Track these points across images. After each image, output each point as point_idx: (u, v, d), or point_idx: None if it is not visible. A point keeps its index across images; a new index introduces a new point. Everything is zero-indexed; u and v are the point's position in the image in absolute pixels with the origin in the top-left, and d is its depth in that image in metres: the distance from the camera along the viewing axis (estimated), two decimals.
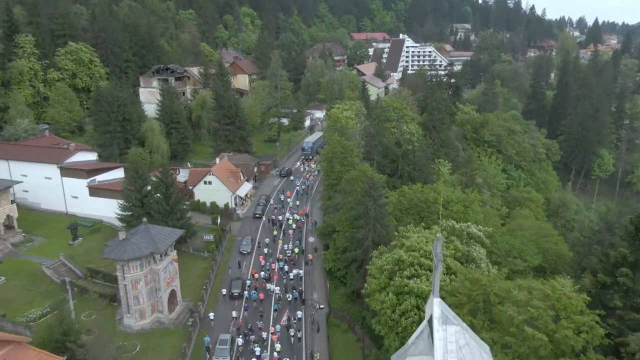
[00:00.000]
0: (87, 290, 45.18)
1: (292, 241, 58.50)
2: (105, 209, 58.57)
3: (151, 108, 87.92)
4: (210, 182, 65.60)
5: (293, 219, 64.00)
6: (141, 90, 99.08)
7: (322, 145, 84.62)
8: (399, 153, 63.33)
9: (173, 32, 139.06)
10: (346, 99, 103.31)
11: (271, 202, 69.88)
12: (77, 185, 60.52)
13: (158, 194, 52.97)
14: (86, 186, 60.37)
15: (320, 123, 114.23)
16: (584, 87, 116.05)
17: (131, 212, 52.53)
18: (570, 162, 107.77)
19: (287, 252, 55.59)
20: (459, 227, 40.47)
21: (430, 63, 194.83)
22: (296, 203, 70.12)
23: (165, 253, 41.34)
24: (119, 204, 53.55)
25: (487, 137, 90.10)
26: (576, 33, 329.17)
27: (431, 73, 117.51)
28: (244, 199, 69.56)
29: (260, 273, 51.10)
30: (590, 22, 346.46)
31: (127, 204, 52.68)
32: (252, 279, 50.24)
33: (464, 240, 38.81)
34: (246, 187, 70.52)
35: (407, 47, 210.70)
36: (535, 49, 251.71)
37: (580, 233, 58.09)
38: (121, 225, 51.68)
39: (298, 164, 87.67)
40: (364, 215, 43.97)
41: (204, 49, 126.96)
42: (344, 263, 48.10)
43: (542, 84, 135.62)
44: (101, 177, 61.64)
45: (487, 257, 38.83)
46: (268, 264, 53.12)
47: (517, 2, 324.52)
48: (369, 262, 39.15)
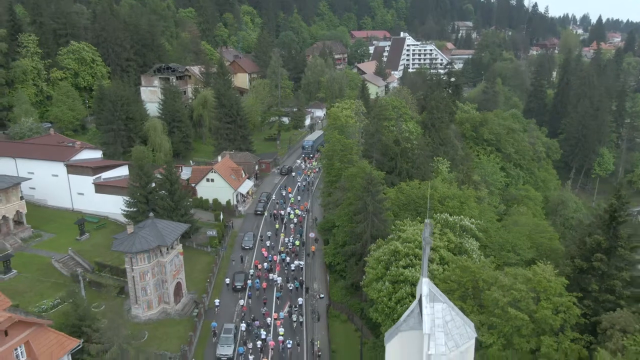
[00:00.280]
0: (95, 283, 46.82)
1: (293, 234, 60.40)
2: (110, 205, 60.23)
3: (152, 107, 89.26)
4: (212, 180, 67.09)
5: (294, 213, 65.86)
6: (142, 89, 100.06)
7: (322, 143, 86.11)
8: (397, 151, 64.77)
9: (173, 30, 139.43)
10: (346, 97, 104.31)
11: (273, 198, 71.65)
12: (83, 182, 62.11)
13: (163, 191, 54.49)
14: (92, 183, 61.95)
15: (320, 122, 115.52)
16: (584, 85, 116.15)
17: (136, 208, 54.10)
18: (570, 161, 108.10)
19: (288, 244, 57.66)
20: (453, 220, 42.04)
21: (431, 62, 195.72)
22: (297, 198, 71.91)
23: (172, 246, 42.95)
24: (124, 200, 55.13)
25: (486, 135, 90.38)
26: (580, 31, 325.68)
27: (431, 72, 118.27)
28: (245, 196, 71.08)
29: (263, 264, 53.28)
30: (594, 19, 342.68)
31: (133, 201, 54.22)
32: (255, 269, 52.37)
33: (457, 233, 40.38)
34: (247, 185, 72.02)
35: (407, 45, 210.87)
36: (538, 47, 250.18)
37: (576, 230, 59.47)
38: (127, 221, 53.19)
39: (299, 161, 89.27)
40: (362, 210, 45.52)
41: (205, 48, 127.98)
42: (343, 257, 49.81)
43: (544, 82, 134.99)
44: (106, 175, 63.26)
45: (480, 251, 40.37)
46: (270, 256, 55.19)
47: (520, 0, 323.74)
48: (367, 255, 40.78)
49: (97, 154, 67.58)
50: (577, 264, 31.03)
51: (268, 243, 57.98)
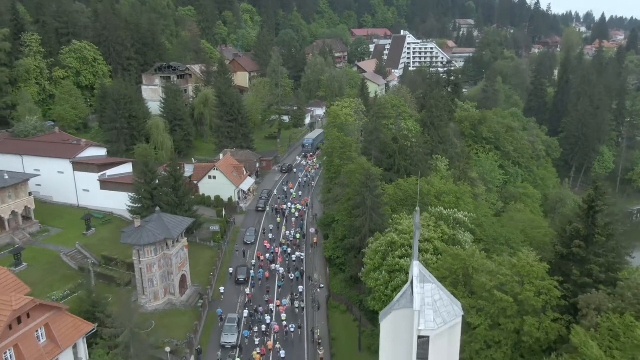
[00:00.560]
0: (103, 275, 48.43)
1: (294, 228, 62.31)
2: (115, 201, 61.73)
3: (154, 105, 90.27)
4: (214, 177, 68.55)
5: (295, 208, 67.72)
6: (144, 88, 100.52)
7: (322, 142, 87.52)
8: (395, 148, 66.18)
9: (173, 29, 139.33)
10: (346, 96, 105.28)
11: (275, 193, 73.37)
12: (89, 179, 63.63)
13: (167, 187, 55.97)
14: (97, 180, 63.45)
15: (320, 120, 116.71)
16: (584, 84, 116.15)
17: (141, 204, 55.55)
18: (570, 160, 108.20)
19: (289, 237, 59.73)
20: (447, 213, 43.63)
21: (432, 60, 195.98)
22: (299, 194, 73.77)
23: (177, 240, 44.54)
24: (129, 196, 56.60)
25: (485, 134, 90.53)
26: (582, 28, 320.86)
27: (430, 71, 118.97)
28: (247, 193, 72.60)
29: (266, 255, 55.35)
30: (597, 17, 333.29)
31: (138, 197, 55.70)
32: (258, 260, 54.44)
33: (451, 225, 41.92)
34: (249, 182, 73.52)
35: (408, 43, 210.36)
36: (540, 45, 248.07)
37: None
38: (132, 217, 54.70)
39: (299, 158, 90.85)
40: (361, 205, 47.06)
41: (205, 46, 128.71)
42: (342, 251, 51.42)
43: (544, 81, 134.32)
44: (111, 172, 64.74)
45: (475, 244, 41.79)
46: (272, 248, 57.20)
47: None
48: (365, 248, 42.31)
49: (102, 152, 69.12)
50: (558, 250, 33.27)
51: (270, 236, 60.08)
